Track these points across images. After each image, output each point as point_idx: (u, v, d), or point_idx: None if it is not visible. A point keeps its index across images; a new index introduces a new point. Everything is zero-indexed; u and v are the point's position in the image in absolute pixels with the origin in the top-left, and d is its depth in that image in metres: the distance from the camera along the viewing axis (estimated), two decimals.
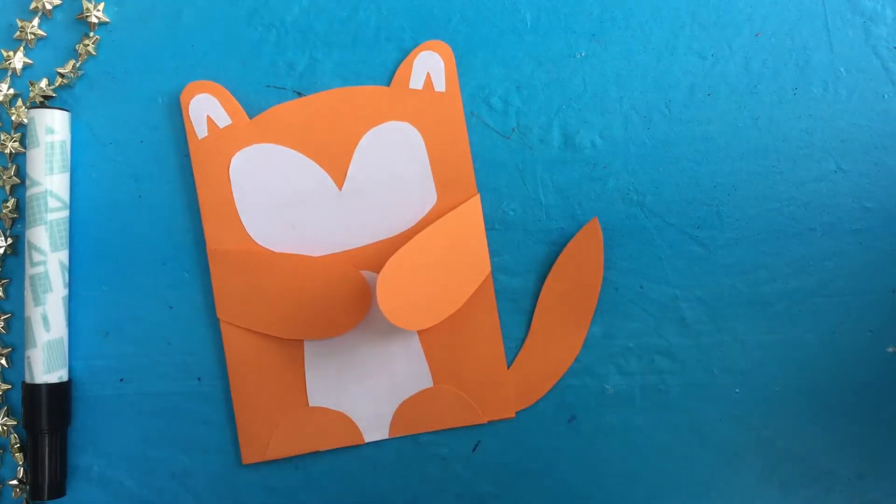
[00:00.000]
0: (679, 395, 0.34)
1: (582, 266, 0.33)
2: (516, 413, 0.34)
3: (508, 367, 0.35)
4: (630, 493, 0.34)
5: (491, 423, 0.35)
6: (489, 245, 0.34)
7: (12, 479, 0.35)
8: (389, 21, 0.35)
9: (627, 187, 0.34)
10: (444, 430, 0.35)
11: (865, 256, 0.33)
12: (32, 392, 0.34)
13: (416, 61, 0.34)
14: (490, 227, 0.34)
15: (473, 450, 0.35)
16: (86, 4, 0.35)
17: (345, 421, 0.35)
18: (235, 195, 0.34)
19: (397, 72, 0.34)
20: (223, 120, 0.35)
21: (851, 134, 0.33)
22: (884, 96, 0.33)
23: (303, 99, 0.35)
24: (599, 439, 0.34)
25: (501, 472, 0.33)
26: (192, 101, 0.35)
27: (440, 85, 0.34)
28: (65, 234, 0.34)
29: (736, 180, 0.33)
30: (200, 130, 0.35)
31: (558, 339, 0.33)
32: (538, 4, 0.34)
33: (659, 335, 0.34)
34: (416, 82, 0.34)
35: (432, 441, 0.35)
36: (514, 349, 0.34)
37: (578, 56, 0.34)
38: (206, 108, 0.35)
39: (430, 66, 0.34)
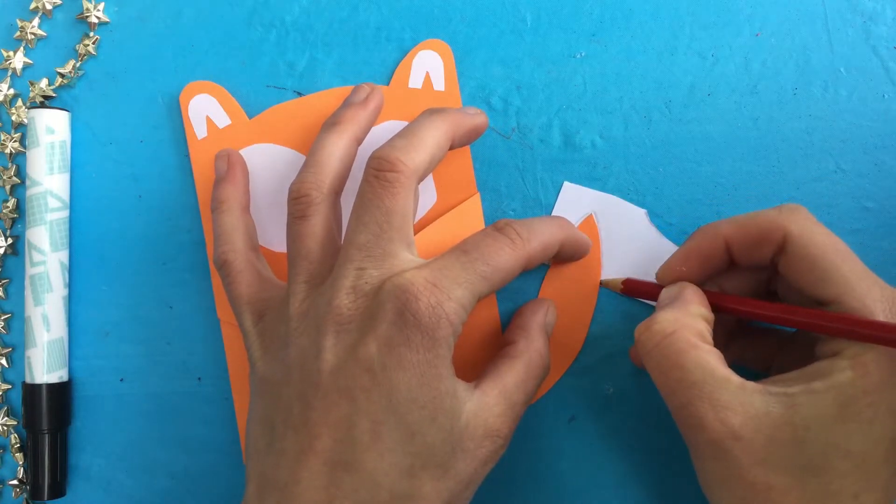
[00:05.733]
0: None
1: (579, 264, 0.33)
2: None
3: None
4: (630, 493, 0.34)
5: None
6: None
7: (12, 479, 0.35)
8: (389, 21, 0.35)
9: (627, 187, 0.34)
10: None
11: (865, 256, 0.33)
12: (32, 392, 0.34)
13: (414, 60, 0.34)
14: None
15: None
16: (86, 4, 0.35)
17: None
18: None
19: (396, 71, 0.34)
20: (222, 120, 0.35)
21: (851, 134, 0.33)
22: (884, 96, 0.33)
23: (302, 99, 0.35)
24: (599, 439, 0.34)
25: (501, 472, 0.33)
26: (191, 102, 0.35)
27: (439, 84, 0.34)
28: (65, 234, 0.34)
29: (736, 180, 0.33)
30: (200, 130, 0.35)
31: (558, 339, 0.33)
32: (538, 4, 0.34)
33: None
34: (416, 81, 0.34)
35: None
36: None
37: (578, 56, 0.34)
38: (206, 109, 0.35)
39: (428, 66, 0.34)
